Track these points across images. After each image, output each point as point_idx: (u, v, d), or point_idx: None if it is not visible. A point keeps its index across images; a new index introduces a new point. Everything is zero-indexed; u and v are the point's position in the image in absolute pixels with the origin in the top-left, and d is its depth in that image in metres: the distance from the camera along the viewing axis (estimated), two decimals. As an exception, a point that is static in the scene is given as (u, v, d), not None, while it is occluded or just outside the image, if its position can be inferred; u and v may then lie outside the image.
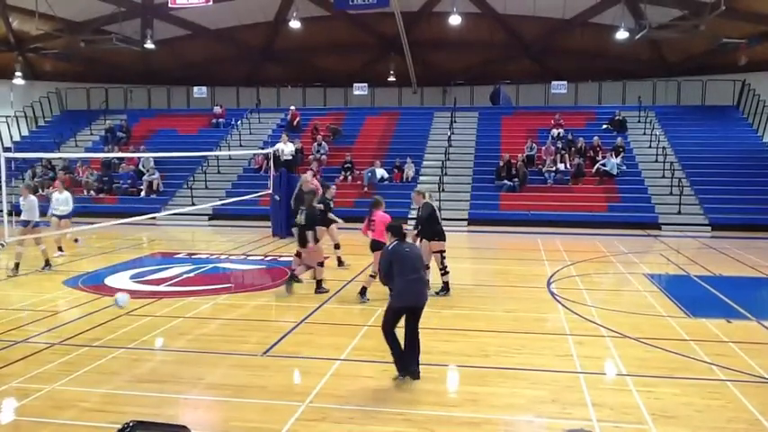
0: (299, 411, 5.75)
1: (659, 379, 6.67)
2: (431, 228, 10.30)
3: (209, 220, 21.74)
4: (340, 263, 12.92)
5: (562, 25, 28.61)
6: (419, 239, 10.26)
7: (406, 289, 6.41)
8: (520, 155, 23.44)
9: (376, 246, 9.58)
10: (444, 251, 10.44)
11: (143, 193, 23.74)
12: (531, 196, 21.92)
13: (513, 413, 5.81)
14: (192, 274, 12.37)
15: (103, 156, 26.05)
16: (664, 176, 22.55)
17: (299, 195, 12.70)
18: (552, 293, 10.75)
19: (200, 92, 31.01)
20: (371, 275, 9.91)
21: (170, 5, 25.97)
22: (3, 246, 8.73)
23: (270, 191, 17.82)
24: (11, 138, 28.31)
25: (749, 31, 24.73)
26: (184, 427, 3.42)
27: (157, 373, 6.84)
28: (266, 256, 14.58)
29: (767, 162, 22.72)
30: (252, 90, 32.01)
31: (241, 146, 26.80)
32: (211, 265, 13.40)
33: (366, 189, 22.75)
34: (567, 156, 23.79)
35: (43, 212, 13.11)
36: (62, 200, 13.85)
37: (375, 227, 9.89)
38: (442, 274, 10.42)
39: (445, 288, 10.42)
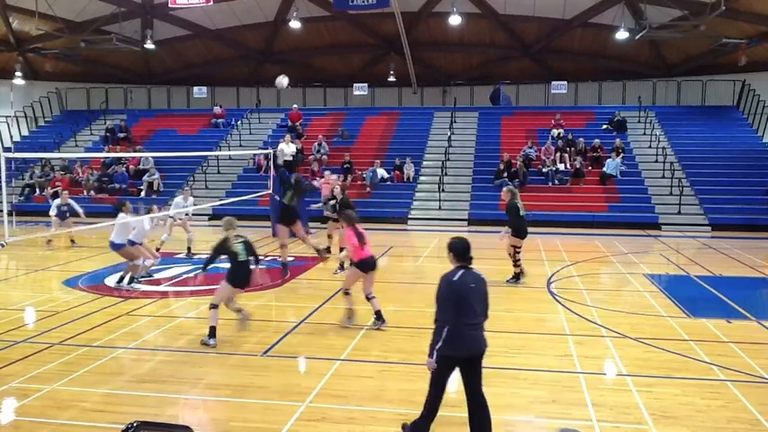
0: (298, 411, 5.76)
1: (659, 379, 6.67)
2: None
3: (209, 220, 21.71)
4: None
5: (562, 25, 28.59)
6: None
7: (459, 335, 4.85)
8: (519, 155, 23.44)
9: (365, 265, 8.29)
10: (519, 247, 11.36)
11: (143, 193, 23.72)
12: (531, 196, 21.79)
13: (513, 413, 5.81)
14: (191, 275, 12.36)
15: (103, 155, 26.03)
16: (664, 176, 22.55)
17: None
18: (552, 293, 10.75)
19: (200, 92, 31.00)
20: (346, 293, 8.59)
21: (170, 5, 25.99)
22: (3, 246, 8.71)
23: (270, 191, 17.78)
24: (11, 138, 28.32)
25: (749, 31, 24.72)
26: (187, 427, 3.42)
27: (157, 373, 6.84)
28: (266, 256, 14.55)
29: (767, 162, 22.74)
30: (252, 90, 32.00)
31: (241, 146, 26.80)
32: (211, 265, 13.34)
33: (368, 189, 22.85)
34: (567, 156, 23.80)
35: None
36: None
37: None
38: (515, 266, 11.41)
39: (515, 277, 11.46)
